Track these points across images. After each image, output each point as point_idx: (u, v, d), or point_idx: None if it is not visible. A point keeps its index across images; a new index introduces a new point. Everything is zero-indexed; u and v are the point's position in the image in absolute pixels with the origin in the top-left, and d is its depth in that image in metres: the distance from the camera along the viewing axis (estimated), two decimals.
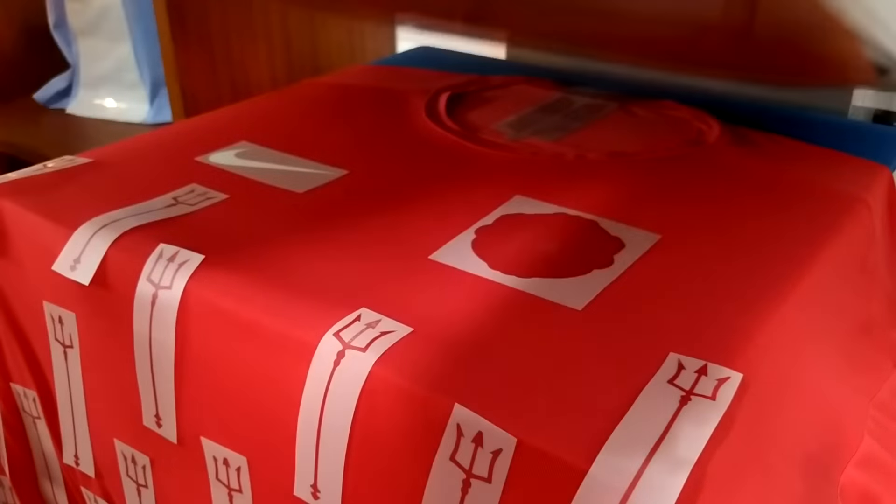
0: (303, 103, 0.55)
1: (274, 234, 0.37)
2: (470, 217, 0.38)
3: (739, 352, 0.28)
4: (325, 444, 0.29)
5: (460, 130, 0.48)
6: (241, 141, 0.47)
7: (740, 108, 0.55)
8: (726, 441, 0.25)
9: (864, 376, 0.37)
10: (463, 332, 0.29)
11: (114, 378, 0.37)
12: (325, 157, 0.45)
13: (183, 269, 0.33)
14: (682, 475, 0.22)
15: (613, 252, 0.35)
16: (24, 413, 0.44)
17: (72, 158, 0.44)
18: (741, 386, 0.26)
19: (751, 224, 0.38)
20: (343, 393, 0.28)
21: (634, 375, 0.27)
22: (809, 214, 0.39)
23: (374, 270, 0.33)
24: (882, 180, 0.44)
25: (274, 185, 0.41)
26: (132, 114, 0.97)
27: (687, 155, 0.46)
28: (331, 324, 0.29)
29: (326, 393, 0.28)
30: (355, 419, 0.28)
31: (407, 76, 0.61)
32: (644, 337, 0.29)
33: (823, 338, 0.35)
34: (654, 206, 0.40)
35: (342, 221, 0.38)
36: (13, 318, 0.42)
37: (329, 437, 0.29)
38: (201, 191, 0.40)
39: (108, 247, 0.35)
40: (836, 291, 0.36)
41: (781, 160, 0.45)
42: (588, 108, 0.54)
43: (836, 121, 0.53)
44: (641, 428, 0.24)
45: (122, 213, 0.37)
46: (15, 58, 1.03)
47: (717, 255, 0.35)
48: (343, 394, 0.28)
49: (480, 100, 0.56)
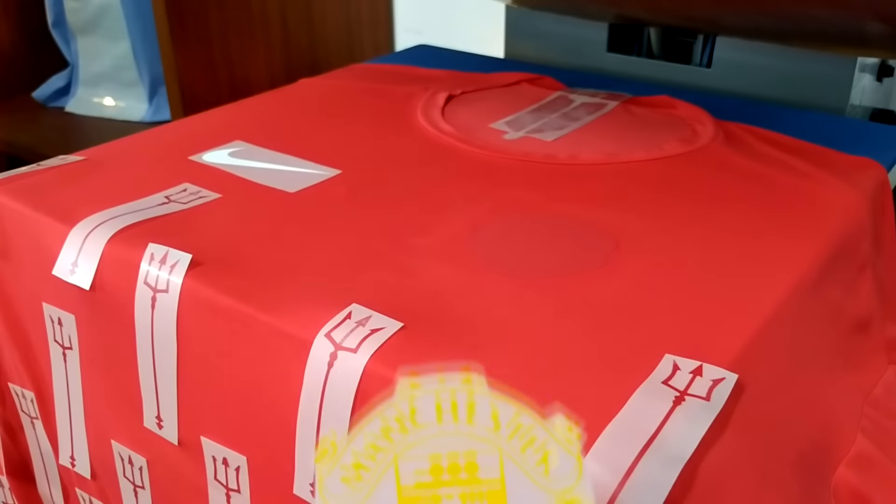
0: (299, 103, 0.55)
1: (265, 234, 0.37)
2: (461, 217, 0.38)
3: (734, 352, 0.28)
4: None
5: (454, 132, 0.48)
6: (235, 140, 0.47)
7: (737, 106, 0.54)
8: (719, 441, 0.25)
9: (858, 374, 0.37)
10: (455, 329, 0.29)
11: (113, 379, 0.37)
12: (319, 157, 0.45)
13: (176, 271, 0.33)
14: (673, 473, 0.22)
15: (607, 252, 0.35)
16: (23, 413, 0.44)
17: (66, 157, 0.44)
18: (736, 387, 0.26)
19: (745, 223, 0.38)
20: (339, 394, 0.28)
21: (629, 376, 0.27)
22: (804, 213, 0.39)
23: (366, 269, 0.33)
24: (877, 178, 0.44)
25: (266, 184, 0.41)
26: (131, 112, 0.97)
27: (682, 154, 0.46)
28: (323, 322, 0.29)
29: (323, 393, 0.28)
30: (353, 418, 0.28)
31: (405, 75, 0.60)
32: (639, 337, 0.29)
33: (818, 336, 0.35)
34: (648, 205, 0.40)
35: (334, 221, 0.38)
36: (11, 318, 0.42)
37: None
38: (194, 190, 0.40)
39: (103, 248, 0.35)
40: (830, 289, 0.36)
41: (777, 158, 0.45)
42: (586, 106, 0.54)
43: (834, 119, 0.53)
44: (633, 426, 0.24)
45: (114, 211, 0.37)
46: (14, 56, 1.03)
47: (712, 255, 0.35)
48: (339, 394, 0.28)
49: (478, 98, 0.56)
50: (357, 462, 0.19)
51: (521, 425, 0.19)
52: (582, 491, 0.19)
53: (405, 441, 0.19)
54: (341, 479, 0.19)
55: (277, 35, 0.85)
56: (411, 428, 0.19)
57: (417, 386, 0.19)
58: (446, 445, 0.19)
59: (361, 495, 0.19)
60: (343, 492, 0.19)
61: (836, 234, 0.37)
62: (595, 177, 0.43)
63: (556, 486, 0.19)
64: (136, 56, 0.95)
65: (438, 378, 0.19)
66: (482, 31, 0.82)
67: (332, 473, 0.19)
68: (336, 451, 0.19)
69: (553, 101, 0.55)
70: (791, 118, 0.52)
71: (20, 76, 1.04)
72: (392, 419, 0.19)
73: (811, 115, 0.53)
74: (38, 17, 1.01)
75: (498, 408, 0.19)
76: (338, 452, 0.19)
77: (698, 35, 0.60)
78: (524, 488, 0.19)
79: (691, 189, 0.42)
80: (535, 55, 0.68)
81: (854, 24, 0.46)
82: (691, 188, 0.42)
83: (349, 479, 0.19)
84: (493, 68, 0.62)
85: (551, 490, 0.19)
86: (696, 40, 0.60)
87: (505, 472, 0.19)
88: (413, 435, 0.19)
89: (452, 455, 0.19)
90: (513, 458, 0.19)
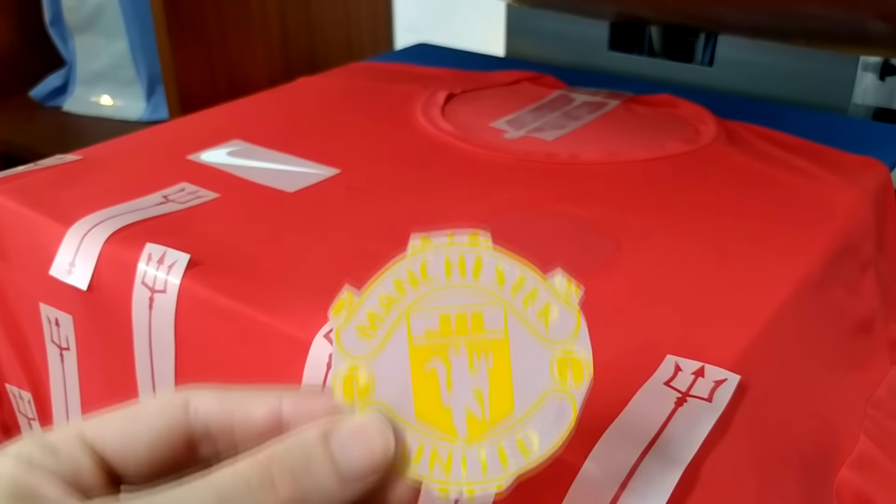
0: (298, 102, 0.54)
1: (264, 234, 0.36)
2: (462, 217, 0.38)
3: (737, 353, 0.28)
4: None
5: (454, 131, 0.48)
6: (233, 139, 0.47)
7: (740, 105, 0.54)
8: (721, 442, 0.25)
9: (861, 374, 0.37)
10: None
11: (110, 380, 0.37)
12: (318, 157, 0.44)
13: (174, 271, 0.33)
14: (675, 474, 0.22)
15: (608, 252, 0.35)
16: (20, 414, 0.44)
17: (63, 156, 0.44)
18: (738, 388, 0.26)
19: (747, 223, 0.38)
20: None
21: (631, 377, 0.26)
22: (807, 212, 0.39)
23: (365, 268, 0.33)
24: (880, 178, 0.43)
25: (265, 184, 0.41)
26: (128, 111, 0.96)
27: (684, 153, 0.46)
28: (322, 323, 0.29)
29: None
30: None
31: (405, 74, 0.60)
32: (641, 338, 0.29)
33: (820, 336, 0.35)
34: (650, 205, 0.39)
35: (333, 221, 0.38)
36: (8, 318, 0.42)
37: None
38: (192, 189, 0.40)
39: (100, 248, 0.35)
40: (833, 289, 0.36)
41: (779, 158, 0.45)
42: (587, 105, 0.54)
43: (836, 118, 0.53)
44: (635, 427, 0.24)
45: (112, 211, 0.37)
46: (11, 54, 1.03)
47: (714, 255, 0.35)
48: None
49: (479, 97, 0.56)
50: (372, 313, 0.20)
51: (523, 280, 0.20)
52: (579, 343, 0.20)
53: (416, 294, 0.20)
54: (356, 330, 0.20)
55: (276, 33, 0.85)
56: (422, 282, 0.20)
57: (428, 242, 0.20)
58: (454, 300, 0.20)
59: (375, 345, 0.20)
60: (358, 343, 0.20)
61: (839, 234, 0.37)
62: (596, 176, 0.43)
63: (555, 339, 0.20)
64: (133, 55, 0.94)
65: (448, 237, 0.20)
66: (482, 29, 0.82)
67: (347, 326, 0.20)
68: (352, 304, 0.20)
69: (554, 99, 0.55)
70: (793, 117, 0.52)
71: (17, 75, 1.03)
72: (404, 274, 0.20)
73: (813, 115, 0.53)
74: (36, 15, 1.00)
75: (503, 265, 0.20)
76: (353, 306, 0.20)
77: (700, 33, 0.60)
78: (526, 340, 0.20)
79: (693, 188, 0.41)
80: (536, 54, 0.68)
81: (856, 23, 0.46)
82: (693, 188, 0.41)
83: (363, 330, 0.20)
84: (494, 67, 0.62)
85: (551, 342, 0.20)
86: (697, 39, 0.60)
87: (508, 325, 0.20)
88: (423, 289, 0.20)
89: (460, 308, 0.20)
90: (516, 312, 0.20)
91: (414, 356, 0.20)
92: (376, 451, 0.19)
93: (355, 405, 0.20)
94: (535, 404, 0.20)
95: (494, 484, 0.20)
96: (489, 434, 0.20)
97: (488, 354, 0.20)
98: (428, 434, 0.20)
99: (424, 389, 0.20)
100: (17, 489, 0.17)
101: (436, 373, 0.20)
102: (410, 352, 0.20)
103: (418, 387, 0.20)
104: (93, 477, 0.19)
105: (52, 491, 0.17)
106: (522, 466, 0.20)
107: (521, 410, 0.20)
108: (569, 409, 0.20)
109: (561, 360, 0.20)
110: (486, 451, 0.20)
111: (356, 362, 0.20)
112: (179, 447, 0.20)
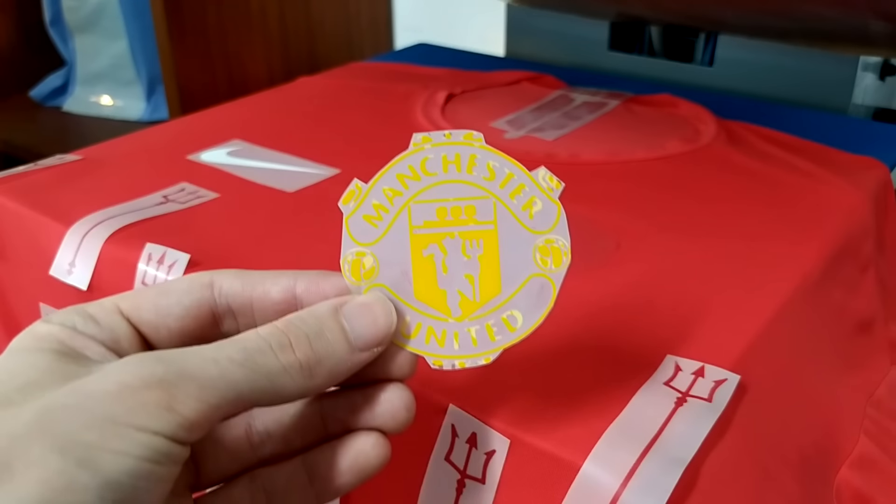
0: (297, 101, 0.54)
1: (264, 234, 0.36)
2: None
3: (737, 353, 0.28)
4: None
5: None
6: (233, 139, 0.47)
7: (740, 105, 0.54)
8: (721, 442, 0.25)
9: (861, 374, 0.37)
10: None
11: None
12: (318, 156, 0.44)
13: (174, 271, 0.33)
14: (675, 474, 0.22)
15: (609, 252, 0.35)
16: None
17: (63, 156, 0.44)
18: (738, 388, 0.26)
19: (747, 223, 0.38)
20: None
21: (631, 376, 0.26)
22: (807, 212, 0.39)
23: None
24: (880, 178, 0.43)
25: (264, 183, 0.41)
26: (129, 111, 0.96)
27: (684, 153, 0.46)
28: None
29: None
30: None
31: (405, 73, 0.60)
32: (640, 338, 0.29)
33: (820, 336, 0.35)
34: (650, 205, 0.39)
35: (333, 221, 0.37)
36: (8, 318, 0.41)
37: None
38: (192, 189, 0.40)
39: (100, 248, 0.35)
40: (833, 289, 0.36)
41: (779, 158, 0.45)
42: (587, 105, 0.54)
43: (836, 118, 0.53)
44: (636, 427, 0.24)
45: (112, 211, 0.37)
46: (11, 54, 1.03)
47: (714, 255, 0.35)
48: None
49: (478, 97, 0.56)
50: (377, 204, 0.23)
51: (511, 176, 0.23)
52: (559, 232, 0.22)
53: (417, 187, 0.23)
54: (363, 219, 0.23)
55: (276, 33, 0.85)
56: (422, 175, 0.23)
57: (428, 140, 0.23)
58: (450, 192, 0.23)
59: (380, 233, 0.23)
60: (365, 231, 0.23)
61: (839, 234, 0.37)
62: (596, 176, 0.43)
63: (538, 228, 0.22)
64: (133, 55, 0.94)
65: (446, 135, 0.23)
66: (482, 29, 0.82)
67: (355, 213, 0.23)
68: (360, 195, 0.23)
69: (554, 99, 0.55)
70: (793, 117, 0.52)
71: (17, 75, 1.04)
72: (406, 169, 0.23)
73: (813, 114, 0.53)
74: (36, 15, 1.00)
75: (493, 162, 0.23)
76: (361, 197, 0.23)
77: (700, 33, 0.60)
78: (512, 229, 0.22)
79: (693, 188, 0.41)
80: (536, 53, 0.68)
81: (857, 22, 0.46)
82: (693, 187, 0.41)
83: (370, 219, 0.23)
84: (494, 67, 0.62)
85: (534, 231, 0.22)
86: (697, 38, 0.60)
87: (497, 215, 0.22)
88: (423, 182, 0.23)
89: (455, 201, 0.22)
90: (504, 203, 0.22)
91: (414, 243, 0.22)
92: (380, 324, 0.21)
93: (361, 286, 0.22)
94: (520, 286, 0.22)
95: (483, 357, 0.22)
96: (479, 313, 0.22)
97: (479, 242, 0.23)
98: (425, 313, 0.22)
99: (422, 273, 0.22)
100: (64, 348, 0.19)
101: (433, 258, 0.22)
102: (411, 239, 0.23)
103: (417, 270, 0.22)
104: (130, 344, 0.21)
105: (95, 352, 0.20)
106: (508, 341, 0.22)
107: (507, 292, 0.22)
108: (549, 290, 0.22)
109: (542, 248, 0.22)
110: (475, 327, 0.22)
111: (363, 248, 0.23)
112: (206, 321, 0.22)
